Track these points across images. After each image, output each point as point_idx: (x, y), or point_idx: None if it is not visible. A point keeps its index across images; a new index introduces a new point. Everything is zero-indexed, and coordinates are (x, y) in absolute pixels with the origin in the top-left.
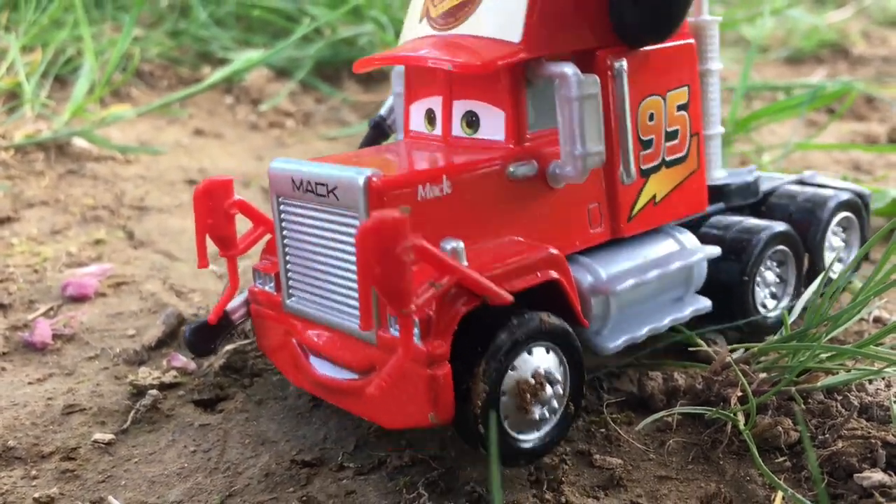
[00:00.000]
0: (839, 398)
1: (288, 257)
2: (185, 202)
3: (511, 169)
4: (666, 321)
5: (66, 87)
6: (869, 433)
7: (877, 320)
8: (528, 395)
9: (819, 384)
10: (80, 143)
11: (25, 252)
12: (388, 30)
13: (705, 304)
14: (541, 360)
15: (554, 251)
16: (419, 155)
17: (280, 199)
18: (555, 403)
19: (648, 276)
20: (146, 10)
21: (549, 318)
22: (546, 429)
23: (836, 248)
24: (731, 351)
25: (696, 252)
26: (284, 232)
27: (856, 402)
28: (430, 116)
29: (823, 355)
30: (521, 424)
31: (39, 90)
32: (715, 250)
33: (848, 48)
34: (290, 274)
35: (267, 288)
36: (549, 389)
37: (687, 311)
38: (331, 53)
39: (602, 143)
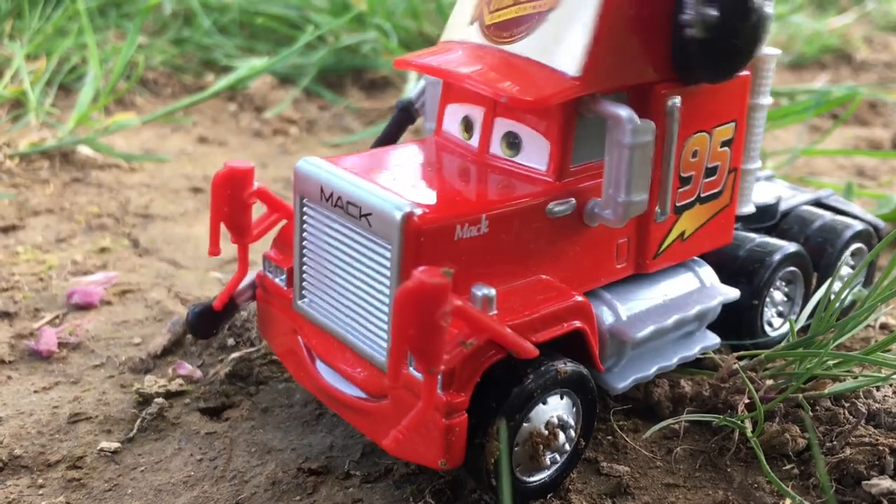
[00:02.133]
0: (847, 405)
1: (305, 259)
2: (190, 210)
3: (550, 207)
4: (675, 360)
5: (70, 95)
6: (877, 440)
7: (883, 327)
8: (541, 447)
9: (826, 391)
10: (84, 151)
11: (31, 260)
12: (391, 37)
13: (714, 341)
14: (554, 407)
15: (580, 299)
16: (455, 174)
17: (304, 201)
18: (566, 447)
19: (667, 322)
20: (150, 18)
21: (566, 366)
22: (556, 467)
23: (842, 277)
24: (739, 358)
25: (715, 296)
26: (305, 234)
27: (863, 409)
28: (467, 124)
29: (830, 362)
30: (532, 469)
31: (44, 98)
32: (734, 293)
33: (851, 53)
34: (304, 276)
35: (278, 280)
36: (561, 437)
37: (696, 349)
38: (334, 61)
39: (647, 191)
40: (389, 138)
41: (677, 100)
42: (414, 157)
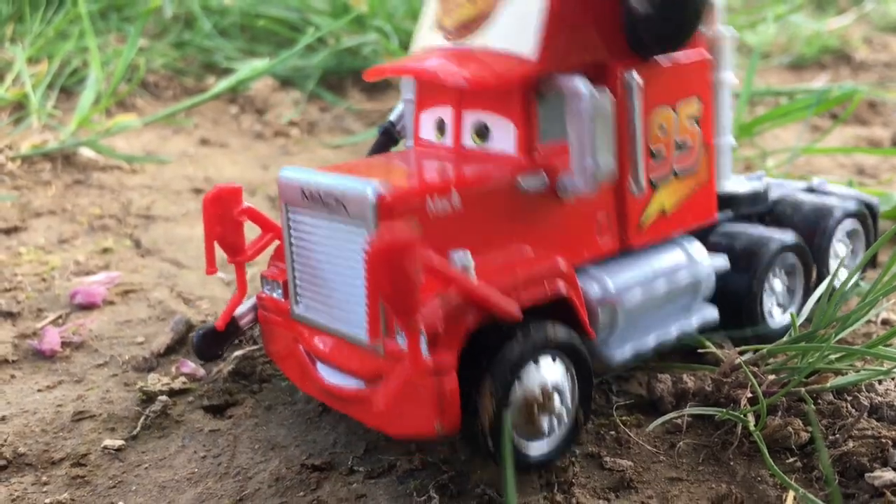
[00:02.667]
0: (849, 399)
1: (296, 265)
2: (192, 210)
3: (521, 181)
4: (673, 331)
5: (71, 98)
6: (879, 433)
7: (885, 322)
8: (536, 408)
9: (829, 384)
10: (86, 153)
11: (33, 261)
12: (391, 38)
13: (713, 314)
14: (547, 371)
15: (562, 263)
16: (428, 166)
17: (289, 208)
18: (563, 413)
19: (656, 287)
20: (151, 21)
21: (556, 329)
22: (555, 437)
23: (841, 256)
24: (741, 353)
25: (704, 265)
26: (293, 240)
27: (866, 403)
28: (440, 125)
29: (833, 356)
30: (530, 434)
31: (45, 101)
32: (724, 263)
33: (850, 54)
34: (297, 281)
35: (275, 295)
36: (556, 400)
37: (694, 322)
38: (335, 63)
39: (613, 157)
40: None
41: (635, 74)
42: (390, 160)
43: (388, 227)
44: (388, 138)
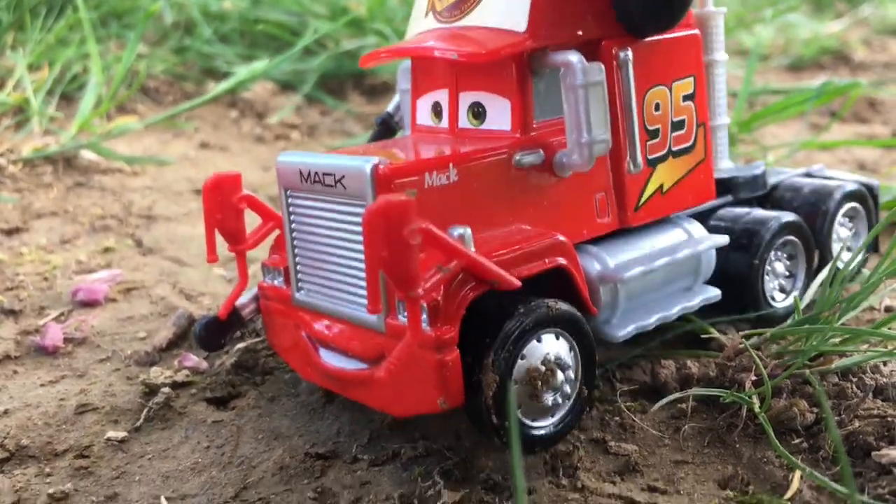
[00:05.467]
0: (854, 380)
1: (297, 250)
2: (193, 210)
3: (517, 157)
4: (675, 309)
5: (72, 104)
6: (885, 412)
7: (888, 309)
8: (539, 383)
9: (834, 365)
10: (87, 155)
11: (35, 260)
12: (391, 41)
13: (714, 292)
14: (550, 346)
15: (561, 238)
16: (426, 146)
17: (288, 192)
18: (567, 389)
19: (656, 265)
20: (151, 27)
21: (557, 304)
22: (560, 414)
23: (843, 238)
24: (744, 337)
25: (704, 241)
26: (293, 225)
27: (871, 383)
28: (436, 109)
29: (836, 339)
30: (534, 411)
31: (46, 106)
32: (723, 239)
33: (849, 55)
34: (298, 266)
35: (276, 283)
36: (559, 375)
37: (696, 300)
38: (335, 66)
39: (608, 130)
40: None
41: (629, 51)
42: (388, 144)
43: (384, 195)
44: (386, 129)
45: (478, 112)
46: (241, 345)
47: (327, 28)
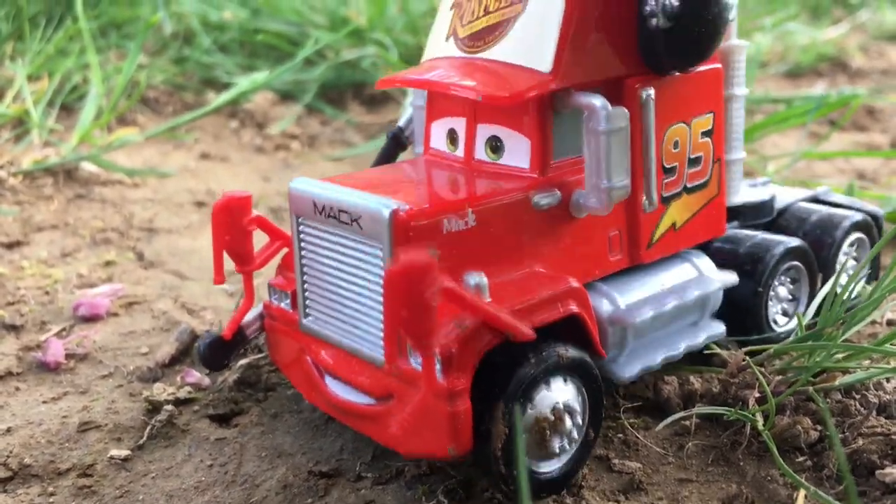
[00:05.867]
0: (857, 397)
1: (305, 277)
2: (195, 223)
3: (535, 199)
4: (681, 348)
5: (71, 115)
6: (889, 430)
7: (890, 323)
8: (548, 431)
9: (837, 383)
10: (88, 167)
11: (36, 274)
12: (391, 51)
13: (720, 329)
14: (559, 392)
15: (575, 284)
16: (442, 180)
17: (300, 220)
18: (574, 434)
19: (666, 304)
20: (151, 38)
21: (567, 351)
22: (566, 458)
23: (848, 270)
24: (749, 354)
25: (713, 281)
26: (303, 252)
27: (874, 401)
28: (452, 137)
29: (839, 355)
30: (541, 457)
31: (46, 118)
32: (733, 278)
33: (847, 61)
34: (307, 294)
35: (283, 305)
36: (567, 422)
37: (701, 338)
38: (335, 76)
39: (628, 176)
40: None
41: (651, 90)
42: (402, 171)
43: (406, 252)
44: (397, 144)
45: (496, 146)
46: (243, 361)
47: (327, 38)
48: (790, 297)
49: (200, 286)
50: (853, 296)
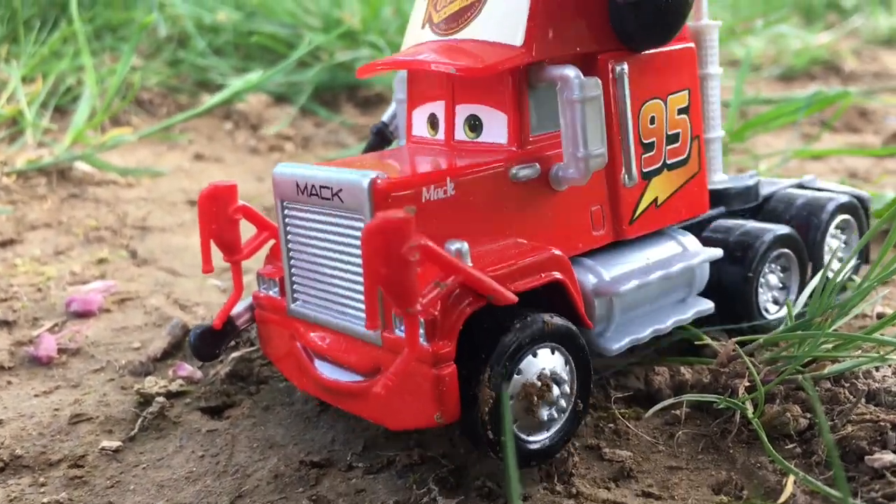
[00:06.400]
0: (846, 385)
1: (292, 261)
2: (188, 221)
3: (514, 171)
4: (669, 322)
5: (65, 116)
6: (878, 417)
7: (880, 315)
8: (535, 398)
9: (826, 371)
10: (81, 167)
11: (29, 272)
12: (385, 53)
13: (708, 305)
14: (546, 361)
15: (557, 252)
16: (422, 158)
17: (284, 204)
18: (563, 403)
19: (651, 278)
20: (145, 40)
21: (553, 319)
22: (555, 428)
23: (835, 249)
24: (739, 344)
25: (698, 254)
26: (289, 236)
27: (863, 388)
28: (432, 121)
29: (829, 344)
30: (530, 426)
31: (40, 119)
32: (717, 252)
33: (839, 65)
34: (294, 278)
35: (271, 293)
36: (555, 390)
37: (690, 313)
38: (329, 78)
39: (604, 145)
40: None
41: (625, 65)
42: (384, 155)
43: (383, 211)
44: (381, 138)
45: (474, 125)
46: (235, 354)
47: (321, 40)
48: (780, 285)
49: (193, 282)
50: (843, 283)
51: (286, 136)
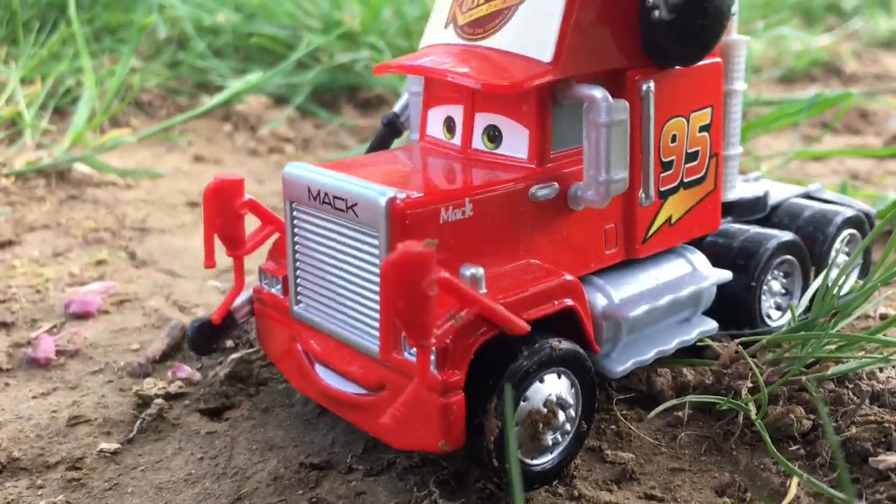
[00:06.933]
0: (850, 386)
1: (298, 263)
2: (188, 223)
3: (533, 191)
4: (673, 343)
5: (64, 118)
6: (882, 418)
7: (883, 317)
8: (541, 425)
9: (830, 372)
10: (80, 168)
11: (27, 273)
12: (385, 55)
13: (712, 325)
14: (552, 386)
15: (570, 278)
16: (438, 169)
17: (294, 206)
18: (567, 427)
19: (660, 299)
20: (145, 42)
21: (561, 343)
22: (558, 450)
23: (839, 264)
24: (742, 345)
25: (707, 277)
26: (296, 238)
27: (867, 390)
28: (449, 124)
29: (832, 345)
30: (534, 450)
31: (39, 120)
32: (726, 275)
33: (840, 67)
34: (299, 280)
35: (273, 290)
36: (560, 416)
37: (693, 334)
38: (328, 79)
39: (626, 169)
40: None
41: (651, 83)
42: (397, 158)
43: (404, 243)
44: (392, 130)
45: (493, 135)
46: (234, 355)
47: (321, 41)
48: (783, 291)
49: (193, 284)
50: (844, 291)
51: (286, 138)
